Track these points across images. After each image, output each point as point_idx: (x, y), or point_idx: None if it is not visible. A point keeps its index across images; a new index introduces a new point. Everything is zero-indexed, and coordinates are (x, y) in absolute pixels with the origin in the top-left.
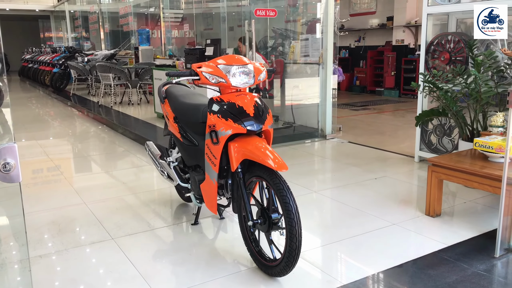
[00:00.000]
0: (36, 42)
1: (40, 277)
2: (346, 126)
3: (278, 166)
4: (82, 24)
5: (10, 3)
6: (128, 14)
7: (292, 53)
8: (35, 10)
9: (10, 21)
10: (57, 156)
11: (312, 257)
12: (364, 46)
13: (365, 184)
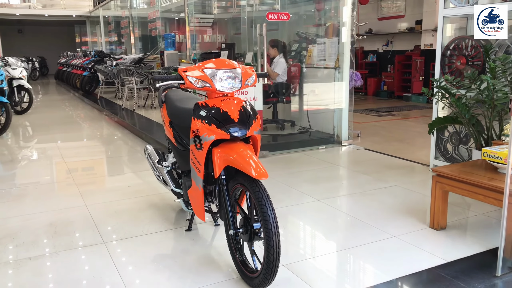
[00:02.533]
0: (72, 47)
1: (24, 279)
2: (366, 132)
3: (258, 174)
4: (114, 29)
5: (49, 9)
6: (156, 19)
7: (309, 57)
8: (72, 16)
9: (49, 26)
10: (71, 159)
11: (299, 269)
12: (392, 51)
13: (372, 193)
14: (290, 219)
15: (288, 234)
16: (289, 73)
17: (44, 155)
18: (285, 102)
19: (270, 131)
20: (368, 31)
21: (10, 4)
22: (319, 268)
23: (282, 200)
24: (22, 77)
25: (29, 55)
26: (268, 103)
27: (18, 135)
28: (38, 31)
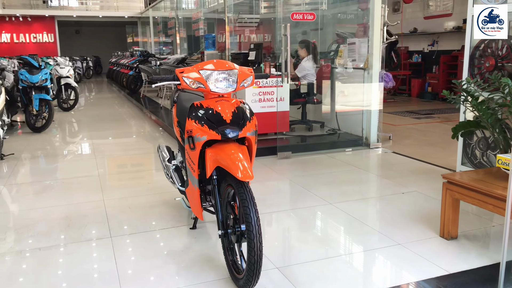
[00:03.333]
0: (123, 47)
1: (29, 267)
2: (400, 135)
3: (244, 176)
4: (162, 29)
5: (103, 11)
6: (199, 19)
7: (340, 57)
8: (124, 17)
9: (103, 27)
10: (102, 155)
11: (291, 272)
12: (437, 51)
13: (388, 199)
14: (295, 222)
15: (288, 237)
16: (321, 74)
17: (80, 150)
18: (315, 102)
19: (298, 132)
20: (413, 30)
21: (68, 7)
22: (311, 273)
23: (292, 202)
24: (69, 76)
25: (84, 55)
26: (296, 103)
27: (60, 131)
28: (93, 31)
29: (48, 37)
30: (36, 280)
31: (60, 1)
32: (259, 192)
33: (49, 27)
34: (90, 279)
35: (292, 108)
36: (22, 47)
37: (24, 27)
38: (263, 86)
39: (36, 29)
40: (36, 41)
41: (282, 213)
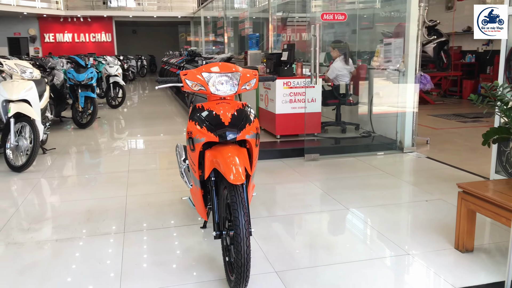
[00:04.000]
0: (175, 46)
1: (42, 257)
2: (439, 139)
3: (235, 179)
4: (212, 29)
5: (157, 11)
6: (245, 19)
7: (376, 57)
8: (178, 17)
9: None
10: (136, 151)
11: (288, 277)
12: (492, 50)
13: (409, 206)
14: (304, 226)
15: (293, 241)
16: (357, 74)
17: (117, 147)
18: (350, 104)
19: (331, 134)
20: (466, 29)
21: (126, 7)
22: (308, 279)
23: (307, 206)
24: (118, 75)
25: (140, 54)
26: (329, 104)
27: (104, 127)
28: (149, 31)
29: (106, 37)
30: (46, 270)
31: (118, 2)
32: (276, 194)
33: (107, 27)
34: (94, 272)
35: (328, 110)
36: (82, 46)
37: (84, 27)
38: (294, 87)
39: (95, 29)
40: (95, 40)
41: (294, 217)
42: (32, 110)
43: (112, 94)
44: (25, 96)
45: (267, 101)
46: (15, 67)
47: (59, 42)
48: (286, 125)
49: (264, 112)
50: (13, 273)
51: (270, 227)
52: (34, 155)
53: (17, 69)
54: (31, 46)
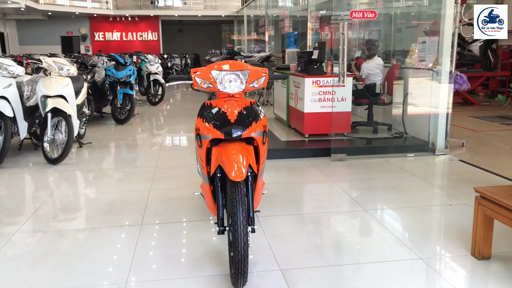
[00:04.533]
0: (219, 45)
1: (61, 246)
2: (477, 142)
3: (235, 176)
4: (254, 28)
5: (202, 10)
6: (285, 17)
7: (411, 57)
8: (222, 16)
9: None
10: (167, 147)
11: (292, 276)
12: None
13: (431, 210)
14: (319, 226)
15: (304, 240)
16: (390, 74)
17: (149, 143)
18: (382, 104)
19: (361, 134)
20: None
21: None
22: (312, 279)
23: (326, 206)
24: (158, 73)
25: (185, 52)
26: (360, 104)
27: (141, 124)
28: (193, 30)
29: (153, 36)
30: (62, 257)
31: (165, 1)
32: (295, 193)
33: (153, 26)
34: (106, 262)
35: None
36: (129, 44)
37: (132, 26)
38: (323, 86)
39: (142, 28)
40: (142, 39)
41: (309, 216)
42: (67, 105)
43: (152, 91)
44: (62, 92)
45: (296, 100)
46: (53, 65)
47: (108, 40)
48: (314, 124)
49: (293, 110)
50: (32, 259)
51: (283, 226)
52: (68, 148)
53: (55, 66)
54: (82, 45)
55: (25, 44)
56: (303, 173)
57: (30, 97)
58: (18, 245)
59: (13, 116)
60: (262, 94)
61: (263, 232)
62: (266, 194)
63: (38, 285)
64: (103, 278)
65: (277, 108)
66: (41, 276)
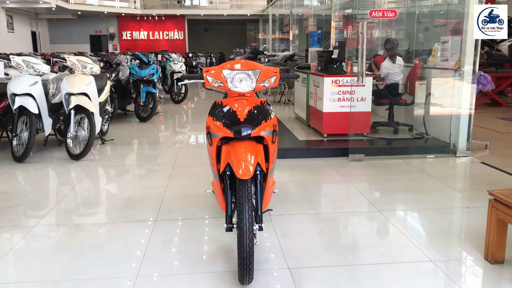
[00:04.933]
0: (244, 44)
1: (77, 239)
2: (502, 144)
3: (242, 174)
4: (278, 27)
5: (227, 10)
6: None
7: (433, 56)
8: (247, 15)
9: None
10: (187, 145)
11: (300, 274)
12: None
13: (447, 212)
14: (331, 226)
15: (315, 240)
16: (412, 74)
17: (170, 140)
18: (403, 104)
19: (382, 134)
20: None
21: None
22: (319, 279)
23: (339, 206)
24: (181, 71)
25: (210, 51)
26: (380, 104)
27: (163, 122)
28: (219, 29)
29: (179, 35)
30: (77, 250)
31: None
32: (310, 192)
33: (179, 25)
34: (119, 255)
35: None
36: (156, 43)
37: (158, 25)
38: (342, 85)
39: (168, 27)
40: (168, 38)
41: (322, 216)
42: (90, 103)
43: (176, 90)
44: (85, 90)
45: (315, 99)
46: (77, 63)
47: (135, 39)
48: (333, 124)
49: (313, 110)
50: (49, 250)
51: (295, 225)
52: (90, 145)
53: (78, 64)
54: (110, 44)
55: (55, 43)
56: (320, 172)
57: (55, 95)
58: (37, 237)
59: (38, 113)
60: (284, 93)
61: (274, 230)
62: (280, 193)
63: (53, 275)
64: (115, 271)
65: (297, 107)
66: (56, 268)
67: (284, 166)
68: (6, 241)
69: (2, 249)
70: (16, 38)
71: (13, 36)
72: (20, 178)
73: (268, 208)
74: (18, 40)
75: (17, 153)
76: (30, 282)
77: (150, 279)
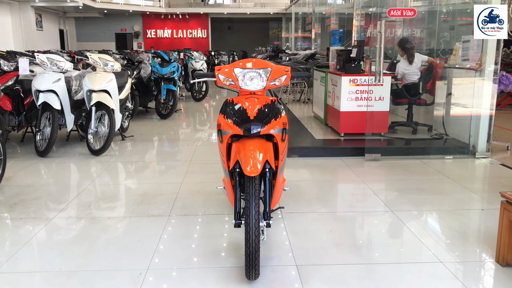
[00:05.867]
0: (267, 42)
1: (93, 231)
2: None
3: (250, 171)
4: (301, 25)
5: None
6: (331, 15)
7: (454, 56)
8: (270, 13)
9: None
10: (205, 142)
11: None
12: None
13: (461, 214)
14: (341, 225)
15: (325, 238)
16: (433, 73)
17: (189, 137)
18: (423, 104)
19: (400, 134)
20: None
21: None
22: (324, 276)
23: (352, 206)
24: (202, 70)
25: (233, 50)
26: (399, 104)
27: (183, 119)
28: (242, 27)
29: (202, 33)
30: (92, 242)
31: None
32: (323, 191)
33: (203, 23)
34: (132, 248)
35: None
36: (179, 41)
37: (182, 24)
38: (360, 84)
39: (192, 25)
40: (191, 36)
41: (333, 215)
42: (111, 100)
43: (196, 87)
44: (106, 87)
45: (333, 98)
46: (99, 60)
47: (159, 37)
48: (350, 123)
49: (330, 109)
50: (65, 242)
51: (306, 223)
52: (109, 141)
53: (100, 62)
54: (135, 42)
55: (82, 41)
56: (335, 172)
57: (77, 91)
58: (55, 228)
59: (61, 109)
60: (304, 92)
61: (285, 228)
62: (293, 191)
63: (68, 266)
64: (127, 263)
65: (315, 106)
66: (71, 259)
67: (300, 164)
68: (27, 232)
69: (23, 239)
70: (44, 36)
71: (41, 34)
72: (43, 172)
73: (280, 205)
74: (47, 38)
75: (40, 147)
76: (46, 272)
77: (160, 272)
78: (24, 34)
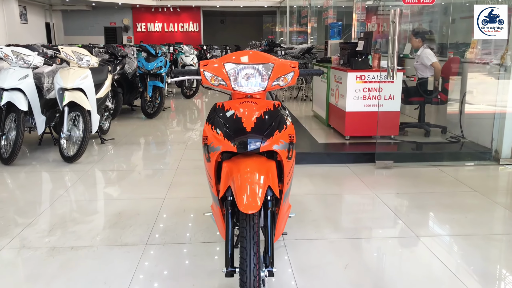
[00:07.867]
0: (261, 36)
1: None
2: None
3: (245, 207)
4: (296, 19)
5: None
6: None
7: (472, 49)
8: (264, 6)
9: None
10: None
11: None
12: None
13: (500, 240)
14: (359, 256)
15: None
16: (448, 69)
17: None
18: (438, 103)
19: (411, 137)
20: None
21: None
22: None
23: (368, 228)
24: (193, 64)
25: (226, 44)
26: (411, 102)
27: (170, 118)
28: (236, 21)
29: (194, 27)
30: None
31: None
32: (332, 208)
33: (195, 17)
34: None
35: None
36: (171, 35)
37: (173, 17)
38: (368, 81)
39: (183, 19)
40: (183, 30)
41: (348, 242)
42: (85, 99)
43: (187, 83)
44: (80, 85)
45: (337, 97)
46: (72, 54)
47: (150, 31)
48: (357, 125)
49: (333, 108)
50: (17, 281)
51: (315, 254)
52: (83, 146)
53: (73, 56)
54: (124, 35)
55: (70, 35)
56: (342, 182)
57: (50, 89)
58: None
59: (29, 110)
60: (302, 88)
61: (289, 262)
62: (296, 208)
63: None
64: None
65: (316, 104)
66: None
67: (301, 173)
68: None
69: None
70: (29, 30)
71: (26, 27)
72: (1, 184)
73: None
74: (32, 31)
75: (5, 154)
76: None
77: None
78: (7, 27)
